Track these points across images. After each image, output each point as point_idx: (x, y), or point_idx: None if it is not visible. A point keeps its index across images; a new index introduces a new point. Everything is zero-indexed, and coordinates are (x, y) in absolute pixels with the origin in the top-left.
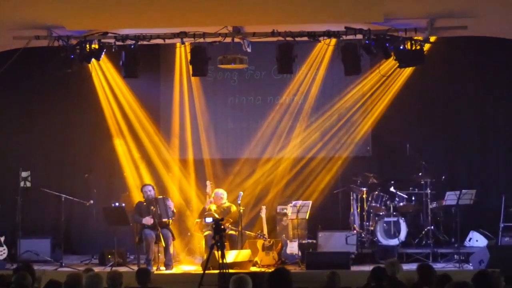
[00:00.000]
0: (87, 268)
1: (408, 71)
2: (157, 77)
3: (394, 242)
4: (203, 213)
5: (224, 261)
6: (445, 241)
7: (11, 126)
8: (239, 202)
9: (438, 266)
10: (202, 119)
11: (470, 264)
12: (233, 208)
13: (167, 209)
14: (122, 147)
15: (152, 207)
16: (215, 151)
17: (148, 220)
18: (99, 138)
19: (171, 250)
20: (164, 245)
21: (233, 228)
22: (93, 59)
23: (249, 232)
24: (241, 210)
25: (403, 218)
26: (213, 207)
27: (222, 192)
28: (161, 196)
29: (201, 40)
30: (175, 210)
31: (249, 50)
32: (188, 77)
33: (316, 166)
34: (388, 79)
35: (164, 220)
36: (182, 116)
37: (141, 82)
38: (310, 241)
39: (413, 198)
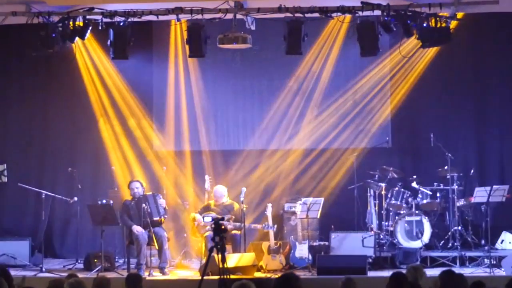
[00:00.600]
0: (70, 273)
1: (432, 51)
2: (149, 58)
3: (416, 244)
4: (198, 225)
5: (225, 265)
6: (474, 243)
7: None
8: (241, 199)
9: (467, 271)
10: (200, 106)
11: (502, 269)
12: (236, 206)
13: (158, 207)
14: (110, 138)
15: (144, 205)
16: (214, 142)
17: (139, 229)
18: (83, 128)
19: (167, 251)
20: (157, 247)
21: (236, 223)
22: (77, 38)
23: (254, 225)
24: (244, 208)
25: (426, 217)
26: (212, 202)
27: (222, 190)
28: (150, 193)
29: (199, 16)
30: (167, 208)
31: (253, 27)
32: (185, 58)
33: (328, 158)
34: (409, 60)
35: (155, 219)
36: (177, 102)
37: (131, 64)
38: (322, 243)
39: (438, 195)
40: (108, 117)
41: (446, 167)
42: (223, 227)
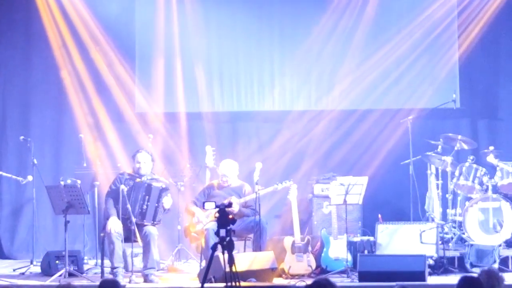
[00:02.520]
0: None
1: None
2: None
3: (493, 240)
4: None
5: (233, 269)
6: None
7: None
8: (256, 179)
9: None
10: (200, 52)
11: None
12: (247, 188)
13: (158, 208)
14: (76, 95)
15: (143, 194)
16: (219, 101)
17: (116, 226)
18: (41, 81)
19: (155, 251)
20: (141, 243)
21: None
22: None
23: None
24: (259, 192)
25: (508, 203)
26: (216, 183)
27: (232, 167)
28: (160, 185)
29: None
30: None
31: None
32: None
33: (374, 123)
34: None
35: (146, 224)
36: (169, 47)
37: None
38: (365, 238)
39: None
40: (74, 68)
41: None
42: (230, 216)
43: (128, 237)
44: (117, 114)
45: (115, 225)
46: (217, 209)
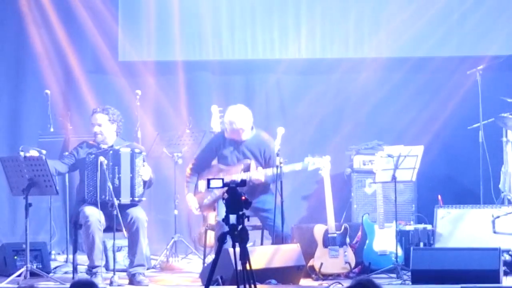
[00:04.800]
0: None
1: None
2: None
3: None
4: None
5: (247, 267)
6: None
7: None
8: (277, 149)
9: None
10: None
11: None
12: (267, 143)
13: (134, 178)
14: (41, 39)
15: (111, 165)
16: (229, 47)
17: (92, 209)
18: None
19: (145, 243)
20: (126, 234)
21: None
22: None
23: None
24: (281, 164)
25: None
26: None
27: (241, 114)
28: (126, 148)
29: None
30: (153, 176)
31: None
32: None
33: (431, 75)
34: None
35: (124, 201)
36: None
37: None
38: (420, 226)
39: None
40: (40, 7)
41: None
42: (243, 197)
43: (108, 226)
44: (94, 64)
45: (92, 208)
46: (225, 187)
